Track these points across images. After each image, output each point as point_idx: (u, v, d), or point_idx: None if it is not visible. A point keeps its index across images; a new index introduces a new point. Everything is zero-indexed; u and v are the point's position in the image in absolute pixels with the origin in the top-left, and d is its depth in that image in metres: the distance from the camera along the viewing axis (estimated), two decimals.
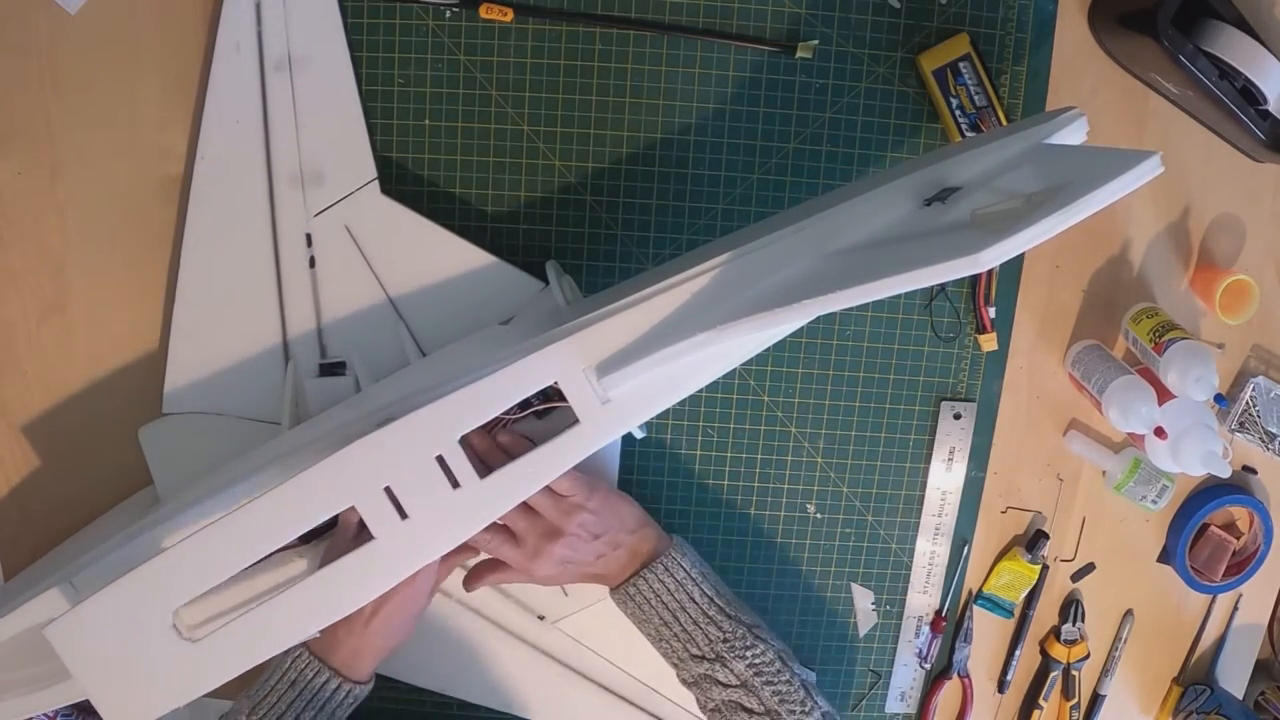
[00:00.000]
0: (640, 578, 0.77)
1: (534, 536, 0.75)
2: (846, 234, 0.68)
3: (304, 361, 0.83)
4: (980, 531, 0.96)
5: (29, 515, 0.87)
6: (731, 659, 0.76)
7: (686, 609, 0.77)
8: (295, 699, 0.72)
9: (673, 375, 0.73)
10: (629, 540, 0.78)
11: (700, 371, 0.74)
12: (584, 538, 0.76)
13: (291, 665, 0.74)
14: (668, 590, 0.77)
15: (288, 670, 0.73)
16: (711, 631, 0.76)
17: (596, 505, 0.76)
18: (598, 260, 0.88)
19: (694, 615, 0.77)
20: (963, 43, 0.84)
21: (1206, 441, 0.85)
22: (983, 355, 0.92)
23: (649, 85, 0.85)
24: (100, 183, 0.83)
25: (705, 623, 0.77)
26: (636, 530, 0.78)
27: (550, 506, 0.75)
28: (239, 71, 0.79)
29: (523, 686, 0.89)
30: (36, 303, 0.85)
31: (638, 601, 0.77)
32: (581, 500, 0.76)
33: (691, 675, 0.77)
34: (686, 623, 0.76)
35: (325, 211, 0.82)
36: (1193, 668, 1.04)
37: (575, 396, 0.72)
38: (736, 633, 0.77)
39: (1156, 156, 0.54)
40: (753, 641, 0.77)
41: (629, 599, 0.78)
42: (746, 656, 0.76)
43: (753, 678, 0.76)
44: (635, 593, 0.77)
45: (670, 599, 0.77)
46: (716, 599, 0.78)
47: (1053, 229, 0.53)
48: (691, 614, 0.77)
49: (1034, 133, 0.67)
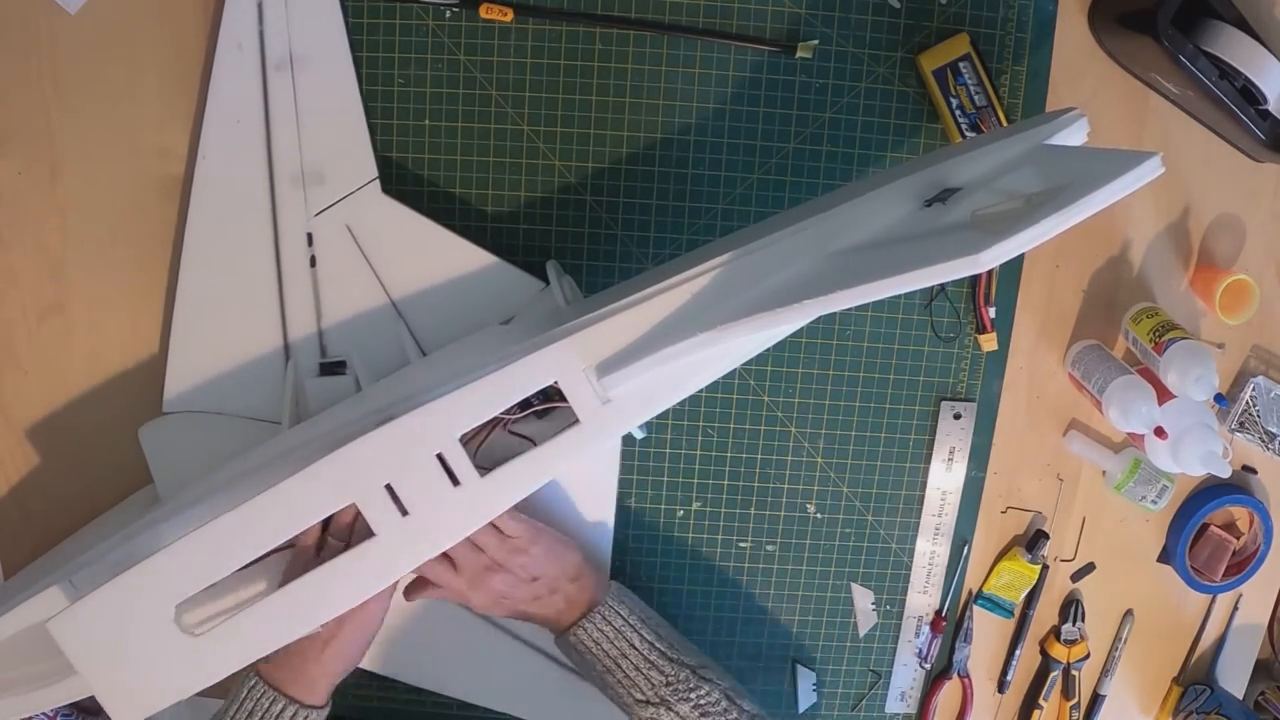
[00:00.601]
0: (579, 627, 0.77)
1: (474, 568, 0.76)
2: (847, 234, 0.68)
3: (304, 361, 0.83)
4: (980, 531, 0.96)
5: (29, 515, 0.87)
6: (676, 702, 0.76)
7: (627, 655, 0.77)
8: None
9: (673, 375, 0.73)
10: (568, 587, 0.78)
11: (700, 372, 0.74)
12: (522, 578, 0.77)
13: (248, 695, 0.73)
14: (607, 639, 0.77)
15: (244, 700, 0.73)
16: (654, 676, 0.77)
17: (539, 552, 0.77)
18: (598, 260, 0.88)
19: (635, 661, 0.77)
20: (963, 43, 0.84)
21: (1206, 441, 0.85)
22: (983, 355, 0.92)
23: (649, 85, 0.85)
24: (100, 182, 0.83)
25: (647, 668, 0.77)
26: (577, 579, 0.79)
27: (495, 546, 0.76)
28: (240, 71, 0.79)
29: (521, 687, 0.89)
30: (36, 303, 0.85)
31: (579, 650, 0.78)
32: (525, 545, 0.77)
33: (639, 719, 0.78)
34: (629, 669, 0.77)
35: (326, 211, 0.82)
36: (1193, 668, 1.04)
37: (575, 396, 0.72)
38: (679, 675, 0.77)
39: (1157, 157, 0.54)
40: (696, 683, 0.77)
41: (570, 648, 0.78)
42: (691, 698, 0.76)
43: (699, 718, 0.76)
44: (576, 641, 0.78)
45: (610, 646, 0.77)
46: (657, 644, 0.78)
47: (1053, 229, 0.53)
48: (633, 660, 0.77)
49: (1034, 133, 0.67)
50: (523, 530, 0.77)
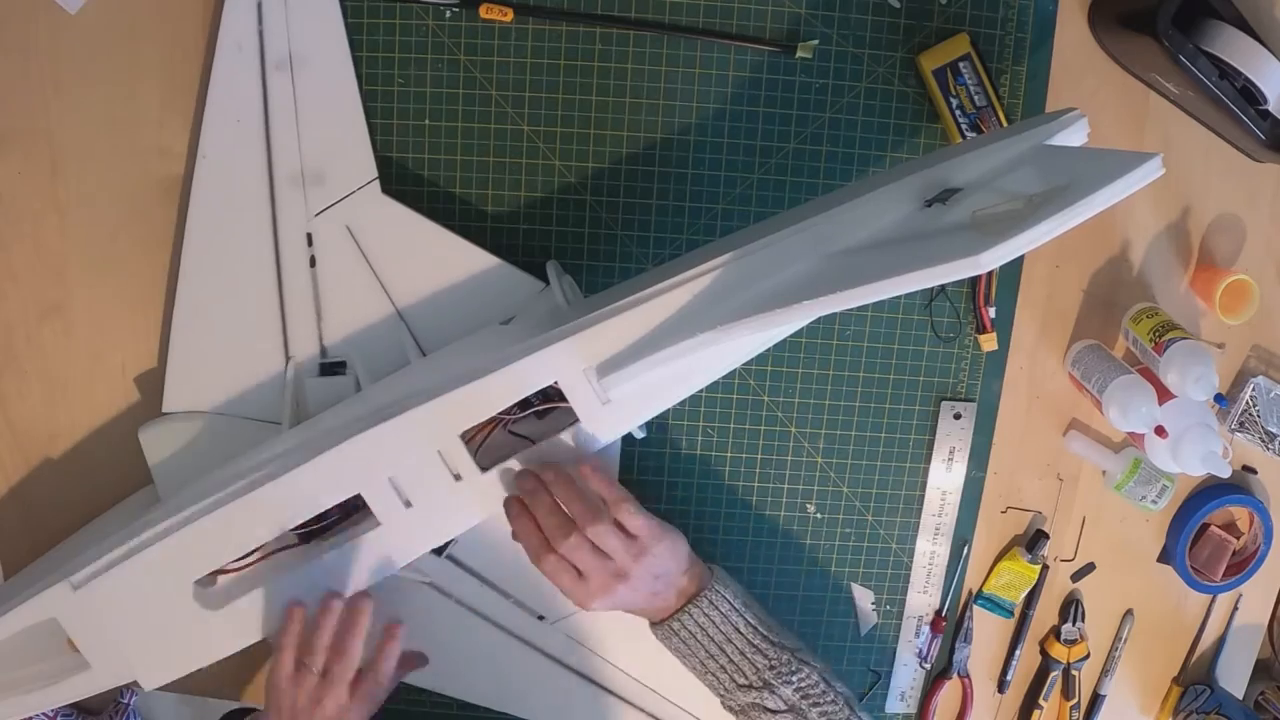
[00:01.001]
0: (685, 613, 0.76)
1: (601, 576, 0.74)
2: (847, 235, 0.68)
3: (304, 361, 0.83)
4: (980, 531, 0.96)
5: (29, 515, 0.87)
6: (779, 685, 0.76)
7: (732, 640, 0.76)
8: None
9: (673, 376, 0.73)
10: (681, 580, 0.77)
11: (700, 372, 0.74)
12: (646, 579, 0.75)
13: None
14: (713, 624, 0.76)
15: None
16: (758, 660, 0.76)
17: (663, 549, 0.75)
18: (598, 260, 0.88)
19: (740, 646, 0.76)
20: (963, 43, 0.84)
21: (1206, 441, 0.85)
22: (983, 355, 0.92)
23: (649, 85, 0.85)
24: (101, 182, 0.83)
25: (751, 652, 0.76)
26: (688, 569, 0.77)
27: (621, 549, 0.74)
28: (240, 70, 0.79)
29: (522, 687, 0.89)
30: (36, 303, 0.84)
31: (682, 637, 0.77)
32: (651, 543, 0.75)
33: (739, 704, 0.77)
34: (733, 654, 0.76)
35: (326, 211, 0.82)
36: (1193, 668, 1.04)
37: (575, 396, 0.72)
38: (782, 659, 0.76)
39: (1157, 159, 0.54)
40: (797, 666, 0.77)
41: (673, 634, 0.77)
42: (793, 681, 0.76)
43: (800, 701, 0.76)
44: (680, 628, 0.76)
45: (716, 632, 0.76)
46: (760, 627, 0.77)
47: (1053, 231, 0.53)
48: (738, 645, 0.76)
49: (1035, 134, 0.67)
50: (647, 528, 0.75)
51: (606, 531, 0.73)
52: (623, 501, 0.74)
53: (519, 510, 0.75)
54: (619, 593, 0.74)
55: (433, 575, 0.85)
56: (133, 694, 0.88)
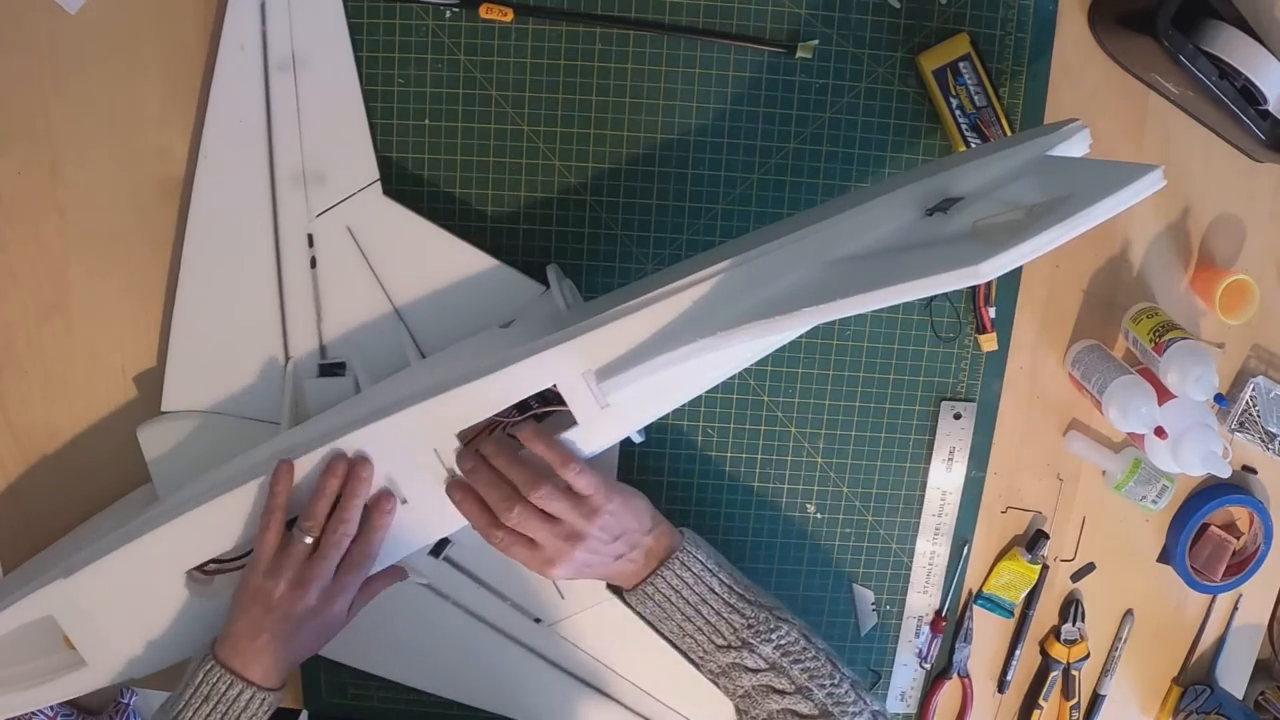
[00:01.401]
0: (658, 576, 0.75)
1: (554, 542, 0.73)
2: (847, 243, 0.68)
3: (304, 362, 0.83)
4: (980, 531, 0.96)
5: (29, 514, 0.87)
6: (758, 643, 0.75)
7: (708, 600, 0.76)
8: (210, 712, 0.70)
9: (672, 381, 0.73)
10: (645, 540, 0.76)
11: (699, 377, 0.74)
12: (604, 540, 0.74)
13: (204, 679, 0.71)
14: (686, 585, 0.76)
15: (199, 684, 0.71)
16: (735, 619, 0.76)
17: (616, 506, 0.74)
18: (598, 260, 0.88)
19: (716, 606, 0.76)
20: (963, 43, 0.84)
21: (1206, 441, 0.85)
22: (983, 355, 0.92)
23: (649, 85, 0.85)
24: (101, 182, 0.83)
25: (728, 611, 0.76)
26: (653, 529, 0.76)
27: (570, 510, 0.72)
28: (243, 71, 0.79)
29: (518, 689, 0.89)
30: (36, 303, 0.85)
31: (657, 600, 0.76)
32: (601, 501, 0.73)
33: (718, 665, 0.77)
34: (709, 614, 0.76)
35: (327, 212, 0.82)
36: (1193, 668, 1.04)
37: (574, 400, 0.72)
38: (759, 617, 0.76)
39: (1158, 171, 0.54)
40: (775, 624, 0.76)
41: (648, 599, 0.76)
42: (772, 639, 0.75)
43: (780, 659, 0.75)
44: (654, 592, 0.76)
45: (690, 593, 0.76)
46: (736, 586, 0.77)
47: (1053, 242, 0.54)
48: (713, 605, 0.76)
49: (1036, 144, 0.67)
50: (595, 486, 0.73)
51: (551, 494, 0.72)
52: (567, 461, 0.72)
53: (462, 492, 0.73)
54: (577, 556, 0.73)
55: (430, 577, 0.85)
56: (133, 694, 0.88)
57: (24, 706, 0.78)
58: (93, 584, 0.74)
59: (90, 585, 0.74)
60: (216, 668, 0.71)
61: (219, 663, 0.71)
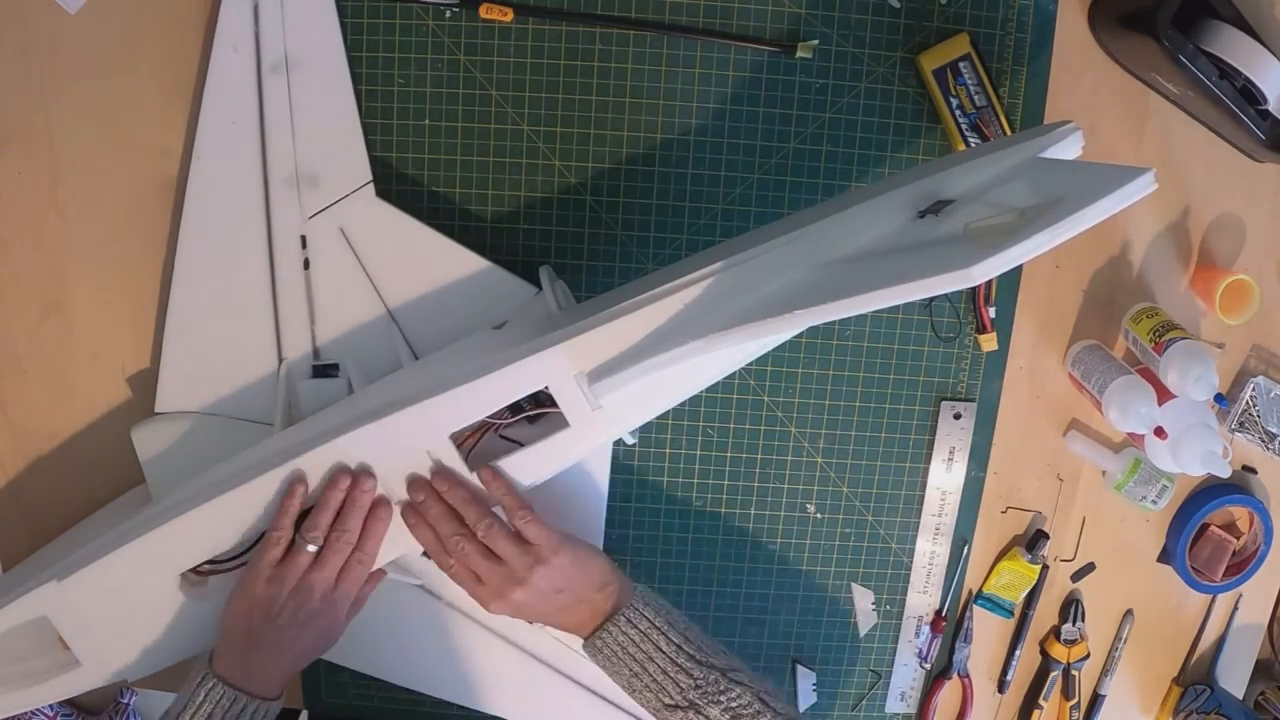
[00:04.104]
0: (604, 630, 0.76)
1: (495, 580, 0.74)
2: (840, 245, 0.68)
3: (297, 363, 0.83)
4: (980, 531, 0.96)
5: (29, 513, 0.87)
6: (705, 705, 0.74)
7: (654, 659, 0.75)
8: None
9: (664, 383, 0.73)
10: (594, 597, 0.76)
11: (692, 379, 0.74)
12: (546, 589, 0.74)
13: (206, 698, 0.71)
14: (633, 642, 0.75)
15: (202, 703, 0.71)
16: (682, 680, 0.75)
17: (563, 561, 0.75)
18: (598, 260, 0.88)
19: (662, 664, 0.75)
20: (963, 43, 0.84)
21: (1206, 441, 0.85)
22: (983, 355, 0.92)
23: (649, 85, 0.85)
24: (100, 182, 0.83)
25: (675, 671, 0.75)
26: (604, 587, 0.76)
27: (516, 555, 0.74)
28: (236, 73, 0.79)
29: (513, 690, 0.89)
30: (36, 303, 0.85)
31: (605, 654, 0.76)
32: (548, 554, 0.74)
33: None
34: (655, 672, 0.75)
35: (320, 214, 0.81)
36: (1193, 668, 1.04)
37: (565, 401, 0.72)
38: (709, 678, 0.75)
39: (1149, 174, 0.54)
40: (727, 685, 0.75)
41: (597, 651, 0.77)
42: (721, 701, 0.74)
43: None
44: (602, 645, 0.76)
45: (636, 650, 0.75)
46: (685, 646, 0.76)
47: (1045, 245, 0.54)
48: (660, 663, 0.75)
49: (1030, 146, 0.67)
50: (545, 539, 0.74)
51: (499, 536, 0.73)
52: (519, 509, 0.74)
53: (415, 517, 0.74)
54: (516, 598, 0.74)
55: (424, 578, 0.84)
56: (133, 694, 0.88)
57: (19, 707, 0.77)
58: (87, 585, 0.74)
59: (85, 586, 0.74)
60: (219, 685, 0.71)
61: (220, 679, 0.71)
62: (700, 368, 0.73)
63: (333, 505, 0.73)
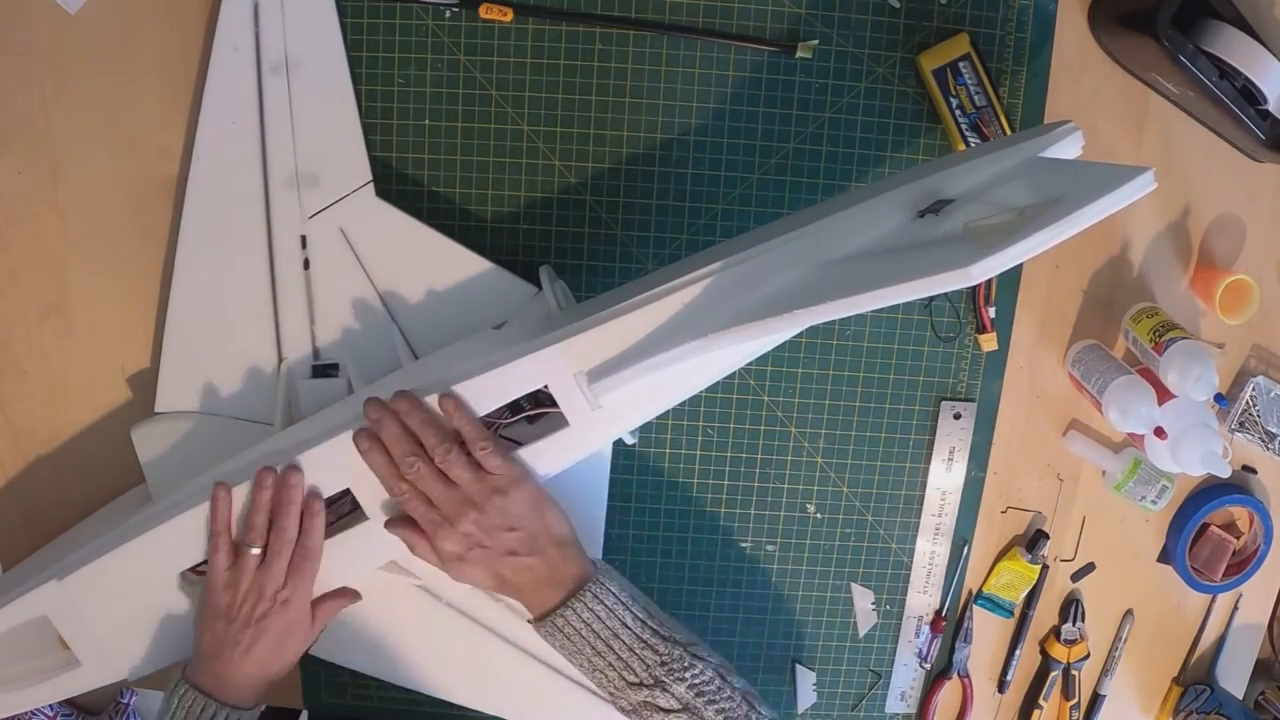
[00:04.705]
0: (568, 608, 0.73)
1: (449, 503, 0.71)
2: (839, 245, 0.68)
3: (297, 363, 0.83)
4: (980, 531, 0.96)
5: (28, 513, 0.87)
6: (671, 682, 0.72)
7: (620, 635, 0.73)
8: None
9: (664, 382, 0.73)
10: (552, 553, 0.73)
11: (692, 379, 0.74)
12: (498, 522, 0.72)
13: (179, 703, 0.71)
14: (599, 619, 0.73)
15: (175, 709, 0.71)
16: (648, 656, 0.73)
17: (520, 496, 0.72)
18: (598, 260, 0.88)
19: (628, 641, 0.73)
20: (963, 43, 0.84)
21: (1206, 441, 0.85)
22: (983, 355, 0.92)
23: (649, 85, 0.85)
24: (100, 182, 0.83)
25: (641, 647, 0.73)
26: (561, 546, 0.74)
27: (471, 480, 0.71)
28: (236, 73, 0.79)
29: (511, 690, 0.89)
30: (36, 303, 0.85)
31: (567, 633, 0.73)
32: (504, 484, 0.72)
33: (630, 703, 0.74)
34: (621, 650, 0.73)
35: (320, 214, 0.81)
36: (1193, 668, 1.04)
37: (565, 401, 0.72)
38: (674, 654, 0.73)
39: (1149, 174, 0.54)
40: (691, 661, 0.73)
41: (558, 630, 0.74)
42: (686, 678, 0.73)
43: (694, 699, 0.73)
44: (564, 624, 0.73)
45: (602, 627, 0.73)
46: (649, 621, 0.74)
47: (1044, 244, 0.54)
48: (626, 640, 0.73)
49: (1029, 145, 0.67)
50: (504, 469, 0.72)
51: (458, 462, 0.71)
52: (480, 439, 0.71)
53: (369, 441, 0.72)
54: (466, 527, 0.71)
55: (424, 577, 0.84)
56: (133, 694, 0.88)
57: (19, 706, 0.78)
58: (87, 585, 0.74)
59: (84, 586, 0.74)
60: (190, 691, 0.71)
61: (192, 685, 0.72)
62: (700, 368, 0.72)
63: (263, 505, 0.73)
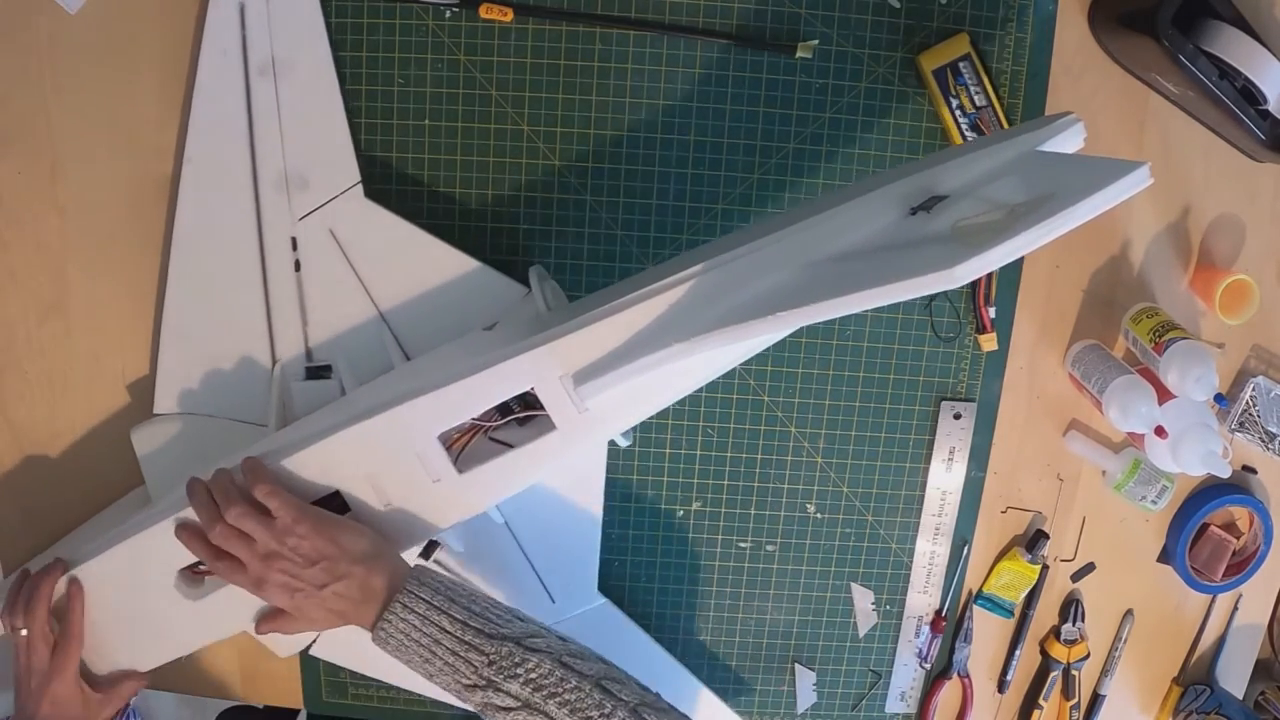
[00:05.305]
0: (384, 620, 0.71)
1: (254, 561, 0.71)
2: (829, 243, 0.67)
3: (290, 364, 0.83)
4: (980, 531, 0.96)
5: (29, 514, 0.87)
6: (503, 681, 0.69)
7: (441, 641, 0.70)
8: None
9: (651, 385, 0.72)
10: (357, 571, 0.71)
11: (681, 381, 0.73)
12: (298, 562, 0.71)
13: None
14: (414, 627, 0.71)
15: None
16: (474, 658, 0.70)
17: (306, 530, 0.71)
18: (598, 261, 0.88)
19: (450, 645, 0.70)
20: (963, 43, 0.84)
21: (1206, 441, 0.85)
22: (983, 355, 0.92)
23: (649, 85, 0.85)
24: (100, 182, 0.83)
25: (464, 650, 0.70)
26: (363, 561, 0.72)
27: (260, 529, 0.71)
28: (224, 76, 0.79)
29: None
30: (36, 303, 0.85)
31: (393, 645, 0.71)
32: (289, 523, 0.71)
33: (475, 705, 0.71)
34: (446, 655, 0.70)
35: (310, 215, 0.81)
36: (1193, 668, 1.04)
37: (551, 404, 0.72)
38: (501, 651, 0.70)
39: (1144, 168, 0.52)
40: (523, 656, 0.70)
41: (385, 644, 0.72)
42: (519, 674, 0.69)
43: (532, 695, 0.69)
44: (387, 637, 0.71)
45: (421, 635, 0.71)
46: (471, 621, 0.71)
47: (1032, 244, 0.51)
48: (448, 645, 0.70)
49: (1029, 138, 0.66)
50: (284, 509, 0.71)
51: (244, 514, 0.71)
52: (258, 483, 0.72)
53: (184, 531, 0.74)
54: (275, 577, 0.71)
55: None
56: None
57: None
58: (86, 584, 0.74)
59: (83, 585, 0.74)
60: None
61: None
62: (689, 370, 0.72)
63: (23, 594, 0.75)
